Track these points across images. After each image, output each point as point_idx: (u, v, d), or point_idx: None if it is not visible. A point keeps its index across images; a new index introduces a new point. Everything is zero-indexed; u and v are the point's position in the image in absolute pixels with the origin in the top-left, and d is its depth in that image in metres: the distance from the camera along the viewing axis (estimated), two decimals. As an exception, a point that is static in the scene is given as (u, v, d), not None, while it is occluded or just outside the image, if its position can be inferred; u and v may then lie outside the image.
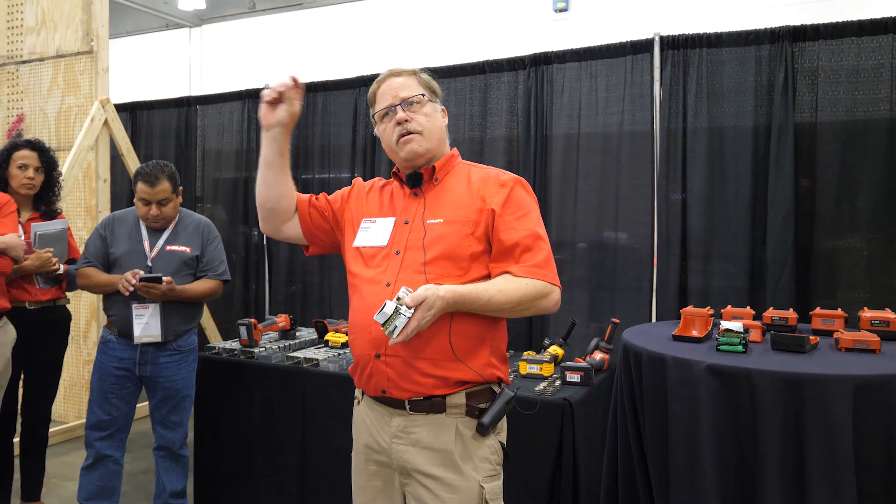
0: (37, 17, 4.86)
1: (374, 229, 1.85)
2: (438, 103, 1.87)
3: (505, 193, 1.76)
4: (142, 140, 6.17)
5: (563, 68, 4.33)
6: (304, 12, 7.43)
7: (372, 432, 1.81)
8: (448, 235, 1.73)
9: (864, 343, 2.40)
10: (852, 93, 3.65)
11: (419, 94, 1.80)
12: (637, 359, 2.46)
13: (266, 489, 3.22)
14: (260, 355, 3.25)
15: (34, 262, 3.06)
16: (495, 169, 1.86)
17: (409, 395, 1.71)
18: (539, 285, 1.69)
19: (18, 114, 4.94)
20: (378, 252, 1.79)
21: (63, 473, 3.91)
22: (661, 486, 2.37)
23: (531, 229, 1.73)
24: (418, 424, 1.72)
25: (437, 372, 1.69)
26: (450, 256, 1.71)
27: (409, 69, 1.85)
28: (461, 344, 1.69)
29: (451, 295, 1.61)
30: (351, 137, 5.14)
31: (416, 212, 1.80)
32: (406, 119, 1.78)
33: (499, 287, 1.67)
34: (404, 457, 1.73)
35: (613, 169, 4.20)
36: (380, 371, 1.73)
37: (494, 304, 1.66)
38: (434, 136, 1.82)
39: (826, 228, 3.74)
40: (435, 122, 1.83)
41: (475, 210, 1.75)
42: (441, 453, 1.70)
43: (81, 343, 4.77)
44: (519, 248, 1.71)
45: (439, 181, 1.83)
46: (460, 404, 1.71)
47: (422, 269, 1.71)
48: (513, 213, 1.74)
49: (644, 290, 4.09)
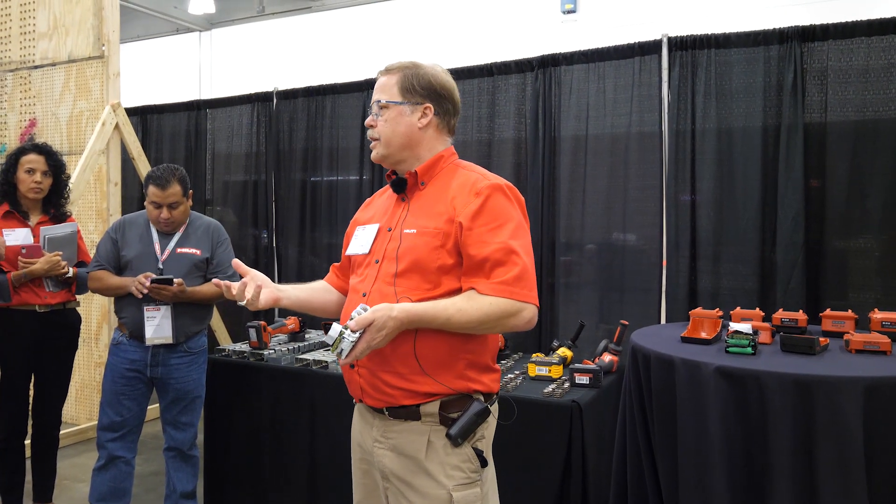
0: (49, 23, 4.91)
1: (363, 236, 1.84)
2: (414, 104, 1.76)
3: (477, 204, 1.66)
4: (152, 143, 6.21)
5: (571, 70, 4.32)
6: (313, 15, 7.47)
7: (362, 434, 1.83)
8: (418, 247, 1.68)
9: (874, 345, 2.39)
10: (862, 93, 3.62)
11: (381, 99, 1.76)
12: (646, 360, 2.46)
13: (275, 490, 3.23)
14: (269, 357, 3.27)
15: (43, 266, 3.08)
16: (478, 173, 1.76)
17: (383, 405, 1.72)
18: (505, 304, 1.61)
19: (31, 118, 4.99)
20: (363, 260, 1.79)
21: (74, 475, 3.94)
22: (670, 487, 2.37)
23: (503, 243, 1.63)
24: (395, 430, 1.72)
25: (402, 385, 1.67)
26: (419, 269, 1.67)
27: (399, 65, 1.79)
28: (429, 358, 1.66)
29: (404, 315, 1.57)
30: (360, 140, 5.15)
31: (399, 219, 1.77)
32: (372, 125, 1.78)
33: (459, 306, 1.60)
34: (383, 461, 1.74)
35: (622, 170, 4.19)
36: (353, 380, 1.76)
37: (454, 323, 1.61)
38: (394, 143, 1.76)
39: (836, 229, 3.72)
40: (396, 127, 1.75)
41: (445, 220, 1.68)
42: (413, 460, 1.70)
43: (93, 345, 4.80)
44: (489, 263, 1.63)
45: (426, 185, 1.78)
46: (434, 413, 1.69)
47: (392, 281, 1.68)
48: (485, 225, 1.65)
49: (653, 291, 4.08)
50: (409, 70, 1.78)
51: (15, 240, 3.15)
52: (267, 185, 5.60)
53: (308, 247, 5.44)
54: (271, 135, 5.57)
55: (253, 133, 5.69)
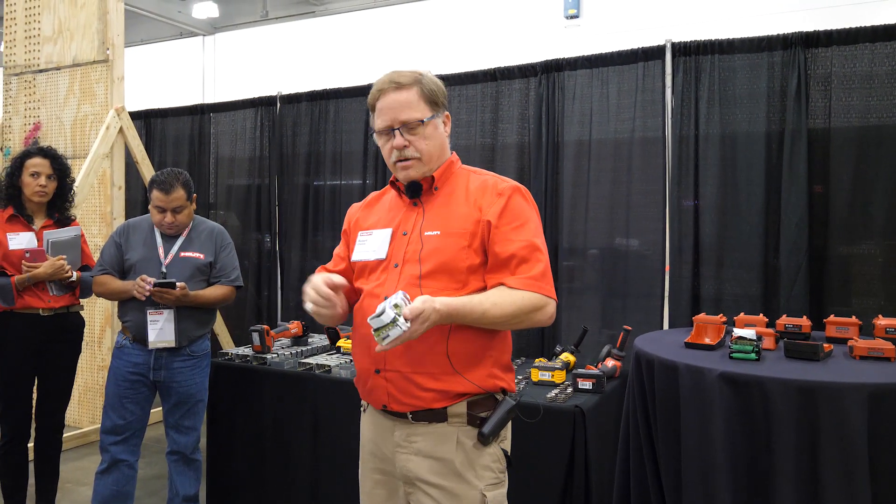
0: (54, 27, 4.93)
1: (371, 241, 1.82)
2: (441, 113, 1.79)
3: (502, 203, 1.72)
4: (156, 147, 6.22)
5: (575, 75, 4.33)
6: (317, 20, 7.50)
7: (376, 441, 1.81)
8: (444, 248, 1.70)
9: (879, 351, 2.38)
10: (866, 99, 3.62)
11: (419, 118, 1.72)
12: (649, 366, 2.46)
13: (278, 494, 3.23)
14: (272, 361, 3.27)
15: (47, 270, 3.09)
16: (494, 176, 1.81)
17: (410, 409, 1.71)
18: (535, 298, 1.67)
19: (35, 122, 5.01)
20: (378, 265, 1.78)
21: (77, 478, 3.94)
22: (673, 494, 2.36)
23: (528, 240, 1.70)
24: (420, 434, 1.71)
25: (436, 385, 1.68)
26: (446, 269, 1.69)
27: (409, 77, 1.75)
28: (460, 357, 1.68)
29: (445, 308, 1.58)
30: (363, 144, 5.16)
31: (414, 222, 1.77)
32: (405, 145, 1.73)
33: (493, 300, 1.64)
34: (407, 465, 1.73)
35: (625, 176, 4.19)
36: (380, 386, 1.73)
37: (489, 318, 1.64)
38: (433, 157, 1.77)
39: (840, 235, 3.71)
40: (435, 141, 1.77)
41: (472, 221, 1.72)
42: (443, 462, 1.69)
43: (96, 349, 4.81)
44: (515, 260, 1.68)
45: (438, 189, 1.80)
46: (461, 413, 1.70)
47: (417, 283, 1.68)
48: (509, 224, 1.71)
49: (656, 297, 4.08)
50: (422, 81, 1.75)
51: (19, 243, 3.15)
52: (270, 189, 5.61)
53: (311, 251, 5.44)
54: (275, 139, 5.58)
55: (256, 137, 5.70)
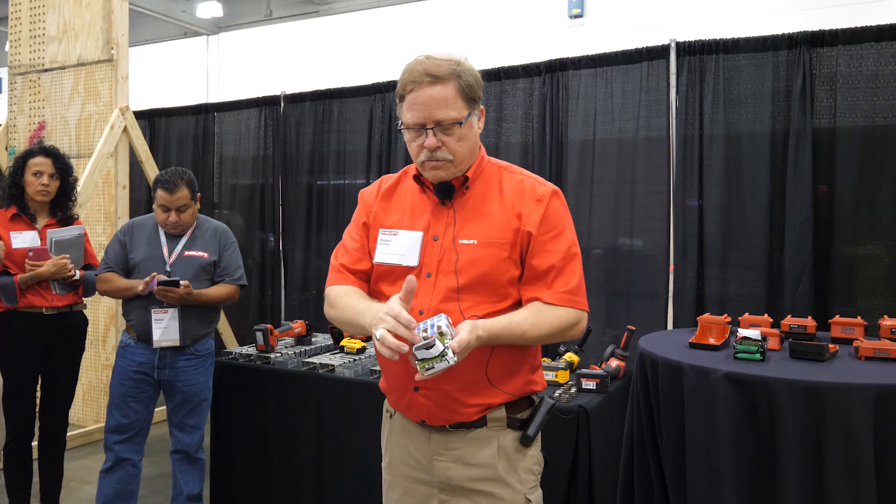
0: (58, 27, 4.94)
1: (397, 243, 1.67)
2: (476, 109, 1.63)
3: (541, 211, 1.62)
4: (160, 147, 6.23)
5: (579, 74, 4.32)
6: (321, 19, 7.50)
7: (408, 448, 1.72)
8: (483, 260, 1.59)
9: (884, 352, 2.37)
10: (871, 98, 3.61)
11: (457, 119, 1.57)
12: (654, 366, 2.45)
13: (281, 493, 3.23)
14: (276, 361, 3.27)
15: (50, 269, 3.09)
16: (529, 176, 1.69)
17: (449, 423, 1.65)
18: (570, 315, 1.61)
19: (40, 121, 5.02)
20: (407, 272, 1.62)
21: (82, 477, 3.94)
22: (677, 494, 2.35)
23: (565, 251, 1.62)
24: (459, 440, 1.65)
25: (477, 401, 1.62)
26: (486, 282, 1.59)
27: (447, 69, 1.56)
28: (499, 372, 1.62)
29: (486, 334, 1.50)
30: (366, 144, 5.16)
31: (446, 226, 1.64)
32: (437, 146, 1.58)
33: (532, 321, 1.57)
34: (447, 473, 1.66)
35: (629, 175, 4.18)
36: (418, 403, 1.65)
37: (526, 339, 1.58)
38: (466, 158, 1.63)
39: (845, 235, 3.70)
40: (469, 141, 1.62)
41: (511, 230, 1.61)
42: (485, 468, 1.64)
43: (100, 347, 4.82)
44: (553, 273, 1.60)
45: (469, 189, 1.67)
46: (501, 417, 1.65)
47: (454, 296, 1.58)
48: (547, 234, 1.62)
49: (660, 297, 4.07)
50: (460, 74, 1.58)
51: (22, 242, 3.16)
52: (274, 188, 5.61)
53: (314, 250, 5.44)
54: (278, 138, 5.58)
55: (260, 137, 5.71)
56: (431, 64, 1.57)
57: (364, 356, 3.26)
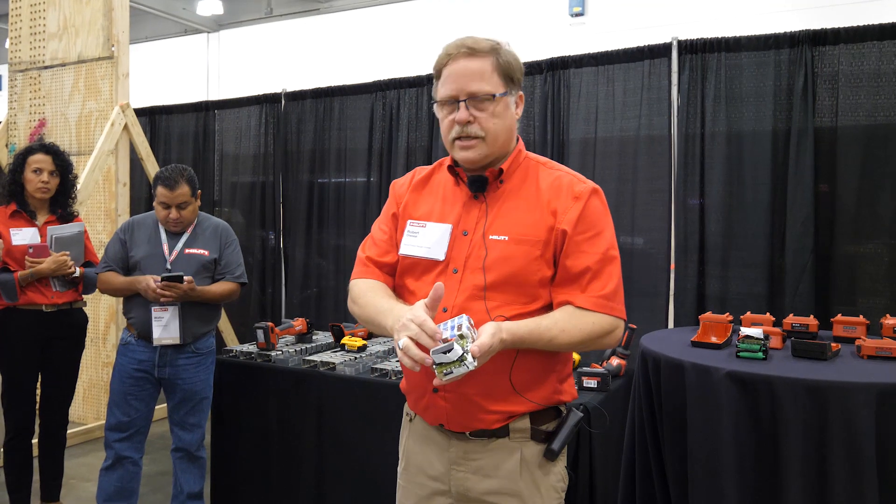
0: (59, 23, 4.93)
1: (425, 235, 1.60)
2: (515, 92, 1.57)
3: (578, 209, 1.53)
4: (160, 144, 6.23)
5: (580, 72, 4.32)
6: (322, 17, 7.50)
7: (427, 455, 1.64)
8: (514, 257, 1.51)
9: (887, 350, 2.37)
10: (873, 97, 3.60)
11: (491, 92, 1.51)
12: (655, 365, 2.45)
13: (282, 491, 3.23)
14: (277, 359, 3.26)
15: (50, 266, 3.09)
16: (568, 172, 1.61)
17: (469, 429, 1.57)
18: (604, 322, 1.52)
19: (40, 118, 5.01)
20: (433, 266, 1.57)
21: (82, 474, 3.94)
22: (679, 493, 2.35)
23: (602, 253, 1.53)
24: (480, 450, 1.57)
25: (499, 407, 1.54)
26: (515, 282, 1.51)
27: (486, 45, 1.52)
28: (524, 379, 1.54)
29: (510, 337, 1.42)
30: (367, 142, 5.16)
31: (477, 221, 1.57)
32: (469, 120, 1.51)
33: (562, 326, 1.48)
34: (465, 484, 1.58)
35: (630, 174, 4.18)
36: (437, 405, 1.57)
37: (555, 345, 1.49)
38: (500, 139, 1.55)
39: (846, 234, 3.70)
40: (505, 121, 1.54)
41: (545, 227, 1.53)
42: (505, 481, 1.55)
43: (100, 345, 4.81)
44: (588, 275, 1.51)
45: (504, 183, 1.59)
46: (525, 428, 1.56)
47: (481, 295, 1.50)
48: (583, 233, 1.53)
49: (661, 295, 4.07)
50: (499, 51, 1.53)
51: (22, 239, 3.15)
52: (274, 186, 5.61)
53: (315, 248, 5.44)
54: (279, 136, 5.57)
55: (261, 134, 5.70)
56: (470, 39, 1.54)
57: (365, 354, 3.26)
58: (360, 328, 3.51)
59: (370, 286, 1.64)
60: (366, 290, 1.63)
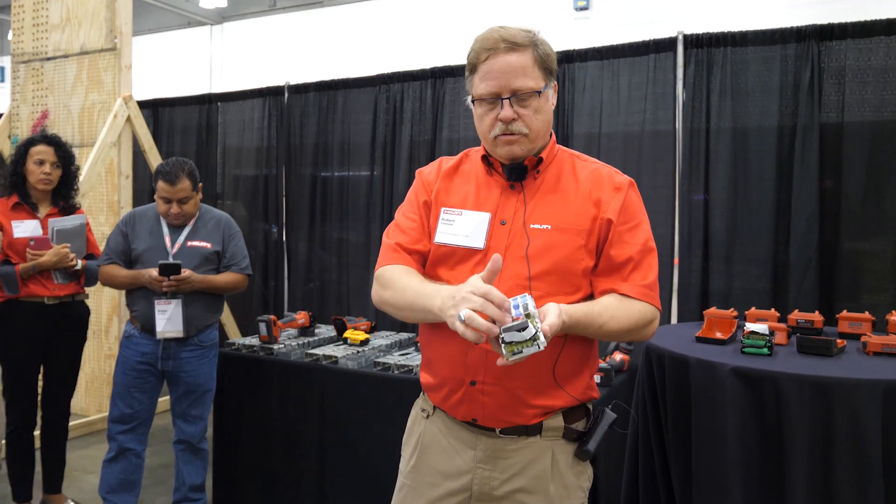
0: (62, 15, 4.91)
1: (462, 224, 1.56)
2: (552, 83, 1.54)
3: (620, 200, 1.54)
4: (163, 137, 6.22)
5: (585, 67, 4.30)
6: (325, 10, 7.46)
7: (448, 454, 1.57)
8: (558, 246, 1.49)
9: (892, 347, 2.36)
10: (880, 92, 3.59)
11: (535, 88, 1.48)
12: (660, 360, 2.44)
13: (284, 484, 3.23)
14: (279, 352, 3.26)
15: (52, 258, 3.08)
16: (605, 166, 1.61)
17: (505, 425, 1.52)
18: (648, 311, 1.51)
19: (43, 110, 5.00)
20: (470, 255, 1.53)
21: (84, 466, 3.94)
22: (683, 490, 2.35)
23: (642, 243, 1.54)
24: (509, 448, 1.53)
25: (540, 402, 1.50)
26: (559, 271, 1.49)
27: (524, 37, 1.48)
28: (566, 370, 1.51)
29: (569, 321, 1.37)
30: (371, 135, 5.14)
31: (515, 210, 1.54)
32: (513, 118, 1.49)
33: (612, 313, 1.46)
34: (490, 483, 1.53)
35: (635, 168, 4.16)
36: (475, 400, 1.51)
37: (604, 332, 1.47)
38: (541, 134, 1.54)
39: (851, 230, 3.69)
40: (546, 116, 1.54)
41: (588, 217, 1.52)
42: (535, 480, 1.52)
43: (103, 337, 4.81)
44: (630, 265, 1.51)
45: (540, 173, 1.58)
46: (558, 427, 1.53)
47: (526, 284, 1.47)
48: (625, 224, 1.53)
49: (664, 290, 4.05)
50: (537, 43, 1.50)
51: (24, 232, 3.14)
52: (277, 179, 5.60)
53: (318, 242, 5.44)
54: (282, 129, 5.56)
55: (264, 127, 5.69)
56: (506, 32, 1.49)
57: (367, 348, 3.26)
58: (363, 322, 3.50)
59: (406, 270, 1.57)
60: (401, 274, 1.56)
